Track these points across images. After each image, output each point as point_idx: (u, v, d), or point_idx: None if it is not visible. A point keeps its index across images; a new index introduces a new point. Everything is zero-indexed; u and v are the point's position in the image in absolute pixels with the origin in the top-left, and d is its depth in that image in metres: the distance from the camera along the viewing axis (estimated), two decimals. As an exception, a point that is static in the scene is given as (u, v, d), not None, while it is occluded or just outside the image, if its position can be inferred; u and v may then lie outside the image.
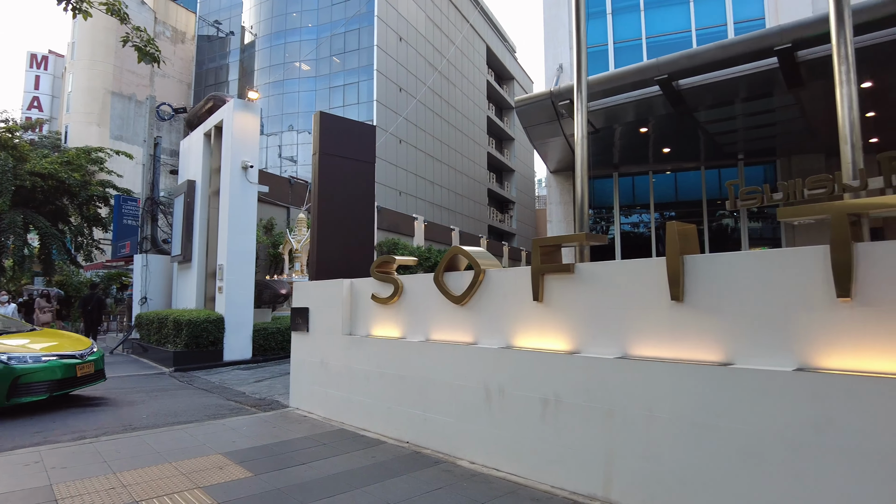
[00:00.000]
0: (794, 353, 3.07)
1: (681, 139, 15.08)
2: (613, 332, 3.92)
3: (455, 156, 43.25)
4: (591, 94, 12.89)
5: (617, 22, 19.98)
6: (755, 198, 3.24)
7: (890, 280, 2.77)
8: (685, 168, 17.51)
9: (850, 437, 2.74)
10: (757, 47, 10.83)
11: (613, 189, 18.06)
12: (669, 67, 11.76)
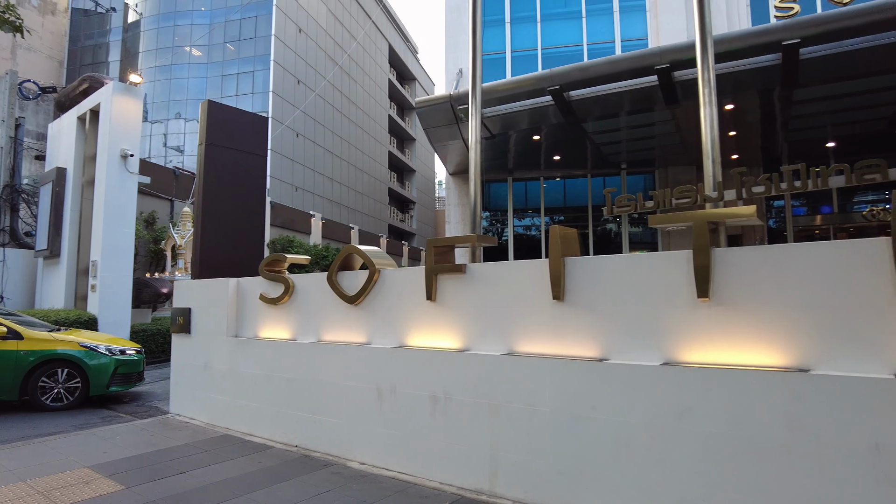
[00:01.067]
0: (661, 348, 3.35)
1: (570, 148, 15.91)
2: (501, 329, 4.05)
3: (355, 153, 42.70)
4: (488, 100, 13.24)
5: (515, 31, 20.72)
6: (629, 205, 3.50)
7: (741, 282, 3.10)
8: (574, 175, 18.51)
9: (706, 423, 3.03)
10: (639, 65, 11.67)
11: (508, 193, 18.70)
12: (562, 79, 12.37)
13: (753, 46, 10.87)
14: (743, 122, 13.61)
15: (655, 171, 17.37)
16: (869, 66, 10.89)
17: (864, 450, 2.62)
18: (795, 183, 2.94)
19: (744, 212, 3.14)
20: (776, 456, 2.83)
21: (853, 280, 2.80)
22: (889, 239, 2.68)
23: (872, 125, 13.55)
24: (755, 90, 12.16)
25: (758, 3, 18.23)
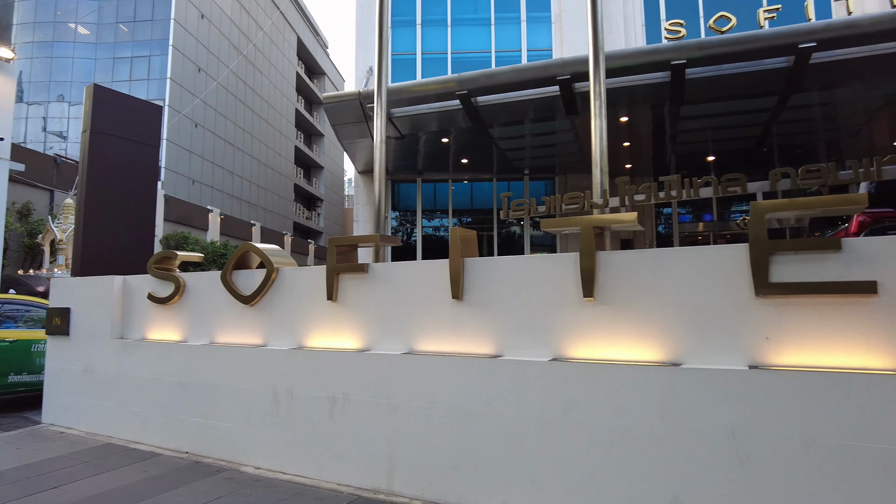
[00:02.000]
0: (550, 345, 3.53)
1: (477, 152, 16.29)
2: (402, 329, 4.09)
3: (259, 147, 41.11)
4: (397, 100, 13.27)
5: (426, 34, 20.88)
6: (523, 209, 3.66)
7: (622, 283, 3.34)
8: (481, 179, 18.96)
9: (590, 415, 3.23)
10: (543, 75, 12.17)
11: (417, 194, 18.82)
12: (470, 84, 12.63)
13: (646, 64, 11.68)
14: (636, 133, 14.57)
15: (556, 178, 18.17)
16: (743, 90, 12.03)
17: (724, 434, 2.91)
18: (672, 193, 3.21)
19: (626, 218, 3.39)
20: (652, 443, 3.07)
21: (718, 282, 3.10)
22: (747, 245, 2.99)
23: (745, 142, 14.98)
24: (648, 105, 13.06)
25: (652, 24, 19.55)
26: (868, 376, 2.69)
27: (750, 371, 2.91)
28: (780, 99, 12.19)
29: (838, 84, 11.86)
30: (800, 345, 2.92)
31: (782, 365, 2.93)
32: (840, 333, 2.84)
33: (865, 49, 10.51)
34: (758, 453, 2.84)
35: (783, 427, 2.80)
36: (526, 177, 18.36)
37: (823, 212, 3.43)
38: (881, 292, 2.74)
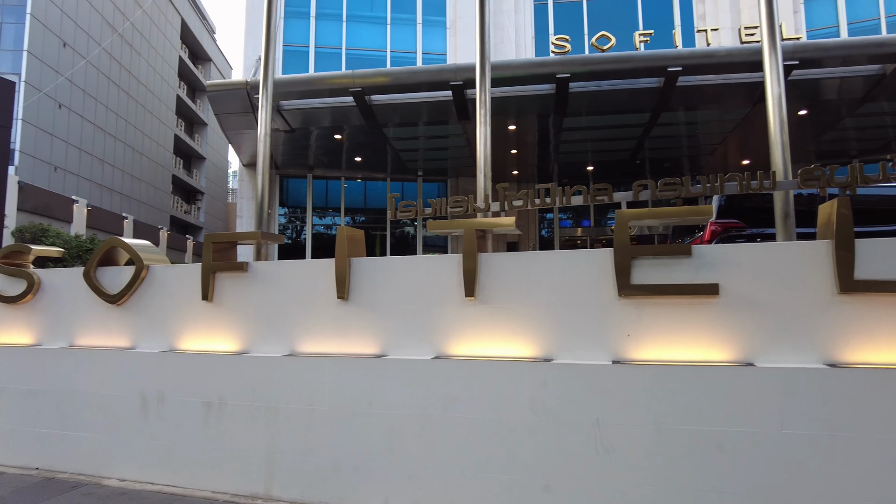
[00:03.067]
0: (433, 343, 3.61)
1: (371, 151, 16.21)
2: (284, 330, 3.99)
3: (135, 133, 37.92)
4: (288, 92, 12.88)
5: (320, 27, 20.41)
6: (410, 211, 3.72)
7: (501, 284, 3.50)
8: (375, 178, 18.88)
9: (468, 410, 3.35)
10: (437, 79, 12.37)
11: (308, 190, 18.34)
12: (364, 82, 12.54)
13: (534, 75, 12.25)
14: (524, 142, 15.24)
15: (448, 181, 18.53)
16: (619, 105, 13.00)
17: (590, 424, 3.14)
18: (547, 199, 3.41)
19: (505, 222, 3.56)
20: (525, 435, 3.24)
21: (586, 283, 3.34)
22: (610, 250, 3.26)
23: (621, 154, 16.19)
24: (534, 115, 13.70)
25: (541, 37, 20.51)
26: (710, 368, 3.03)
27: (613, 366, 3.16)
28: (651, 116, 13.30)
29: (700, 106, 13.17)
30: (656, 341, 3.22)
31: (641, 360, 3.22)
32: (690, 330, 3.18)
33: (721, 77, 11.77)
34: (619, 441, 3.10)
35: (641, 416, 3.08)
36: (420, 178, 18.54)
37: (679, 220, 3.81)
38: (722, 293, 3.10)
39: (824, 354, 2.99)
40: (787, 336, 3.03)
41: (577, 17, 19.72)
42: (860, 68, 11.60)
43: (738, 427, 2.93)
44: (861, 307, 2.97)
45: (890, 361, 2.91)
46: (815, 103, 12.91)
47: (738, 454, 2.93)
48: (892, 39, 11.59)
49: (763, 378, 2.92)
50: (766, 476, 2.89)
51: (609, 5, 19.29)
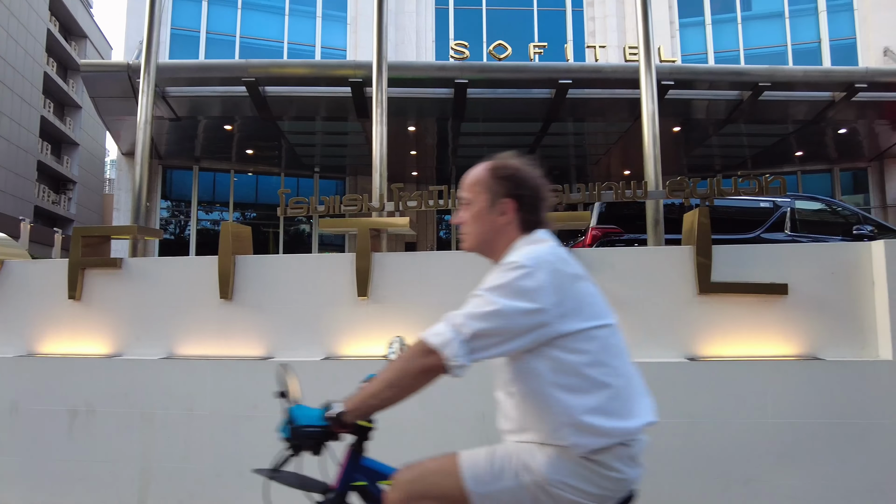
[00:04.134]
0: (324, 344, 3.56)
1: (265, 143, 15.61)
2: (162, 331, 3.75)
3: (-9, 112, 33.73)
4: (175, 78, 12.12)
5: (213, 12, 19.32)
6: (302, 208, 3.64)
7: (394, 283, 3.52)
8: (268, 172, 18.18)
9: (358, 413, 3.33)
10: (336, 74, 12.17)
11: (193, 182, 17.30)
12: (259, 72, 12.06)
13: (435, 79, 12.41)
14: (423, 143, 15.38)
15: (346, 179, 18.28)
16: (514, 114, 13.50)
17: (473, 418, 3.24)
18: (440, 201, 3.48)
19: (399, 222, 3.59)
20: (413, 431, 3.28)
21: (473, 283, 3.44)
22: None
23: (515, 160, 16.80)
24: (434, 117, 13.88)
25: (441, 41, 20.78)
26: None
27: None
28: (543, 125, 13.94)
29: (587, 118, 14.00)
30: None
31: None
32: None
33: (607, 92, 12.59)
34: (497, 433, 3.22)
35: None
36: (316, 175, 18.11)
37: (561, 225, 4.04)
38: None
39: (686, 349, 3.31)
40: (654, 333, 3.32)
41: (477, 25, 20.20)
42: (724, 92, 12.89)
43: (611, 418, 3.16)
44: (717, 306, 3.31)
45: (740, 354, 3.27)
46: (687, 121, 14.18)
47: (610, 443, 3.15)
48: (749, 69, 13.01)
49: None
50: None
51: (507, 16, 19.97)
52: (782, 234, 6.69)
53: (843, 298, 3.27)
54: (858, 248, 3.30)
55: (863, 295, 3.25)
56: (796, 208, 6.87)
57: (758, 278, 3.28)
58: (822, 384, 3.12)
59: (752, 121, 13.90)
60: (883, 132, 14.80)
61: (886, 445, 3.06)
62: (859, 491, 3.04)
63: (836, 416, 3.10)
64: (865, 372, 3.12)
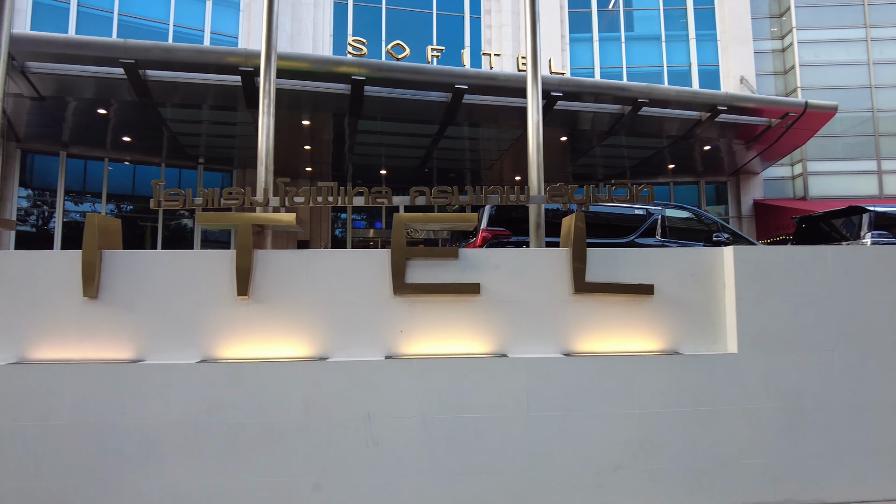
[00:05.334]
0: (200, 346, 3.37)
1: (144, 131, 14.47)
2: (13, 334, 3.36)
3: None
4: (38, 53, 10.93)
5: (85, -16, 17.61)
6: (177, 200, 3.42)
7: (278, 282, 3.40)
8: (147, 161, 16.88)
9: (237, 414, 3.19)
10: (226, 62, 11.53)
11: (60, 170, 15.66)
12: (140, 54, 11.15)
13: (331, 73, 12.14)
14: (319, 139, 15.00)
15: (234, 171, 17.42)
16: (412, 115, 13.55)
17: (361, 420, 3.22)
18: (329, 198, 3.42)
19: (285, 219, 3.48)
20: (296, 436, 3.20)
21: (363, 282, 3.42)
22: (388, 251, 3.39)
23: (412, 161, 16.90)
24: (330, 113, 13.57)
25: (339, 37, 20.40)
26: (471, 360, 3.33)
27: (385, 361, 3.29)
28: (440, 128, 14.12)
29: (482, 124, 14.37)
30: (426, 336, 3.44)
31: (412, 354, 3.40)
32: (456, 326, 3.45)
33: (501, 99, 13.00)
34: (388, 433, 3.23)
35: (408, 408, 3.25)
36: (201, 166, 17.08)
37: (450, 226, 4.12)
38: (483, 292, 3.44)
39: (562, 345, 3.50)
40: (534, 330, 3.48)
41: (376, 23, 20.07)
42: (607, 106, 13.78)
43: (493, 413, 3.27)
44: (590, 305, 3.54)
45: (611, 349, 3.51)
46: (573, 132, 14.99)
47: (492, 437, 3.27)
48: (630, 86, 14.00)
49: (513, 367, 3.31)
50: (514, 454, 3.27)
51: (407, 17, 20.02)
52: (654, 239, 7.28)
53: (700, 298, 3.62)
54: (713, 253, 3.67)
55: (716, 295, 3.62)
56: (666, 216, 7.50)
57: (627, 279, 3.54)
58: (680, 376, 3.43)
59: (632, 134, 14.99)
60: (739, 150, 16.55)
61: (730, 427, 3.43)
62: (707, 469, 3.38)
63: (691, 405, 3.43)
64: (716, 364, 3.47)
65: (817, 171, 18.78)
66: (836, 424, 3.51)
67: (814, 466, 3.49)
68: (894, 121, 18.80)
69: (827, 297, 3.59)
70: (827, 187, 18.53)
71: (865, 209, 8.50)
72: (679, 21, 19.94)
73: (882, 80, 18.93)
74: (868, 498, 3.50)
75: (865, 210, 8.49)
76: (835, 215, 9.11)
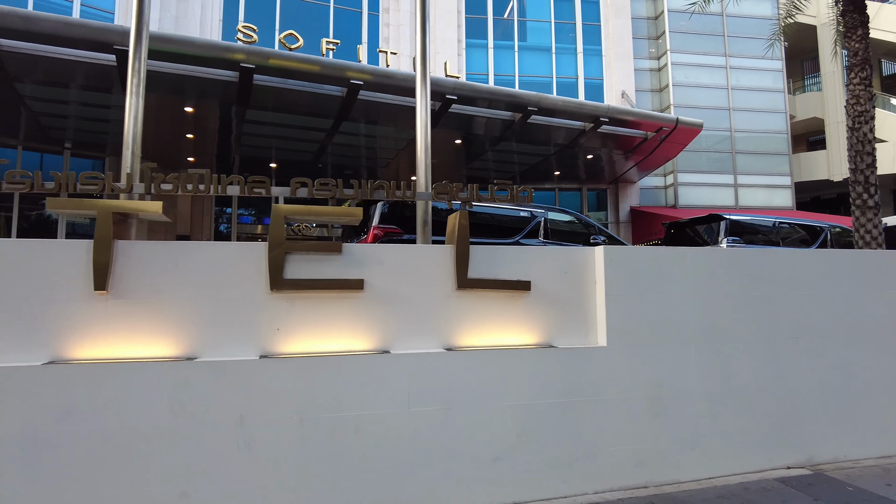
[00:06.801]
0: (49, 346, 3.03)
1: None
2: None
3: None
4: None
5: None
6: (23, 182, 3.05)
7: (142, 276, 3.14)
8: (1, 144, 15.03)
9: (93, 421, 2.90)
10: (99, 38, 10.53)
11: None
12: (-10, 20, 9.89)
13: (217, 59, 11.48)
14: (203, 127, 14.13)
15: (107, 158, 15.97)
16: (304, 107, 13.16)
17: (232, 423, 3.05)
18: (200, 186, 3.21)
19: (150, 207, 3.21)
20: (161, 441, 2.97)
21: (238, 277, 3.25)
22: (265, 244, 3.24)
23: (304, 156, 16.41)
24: (216, 100, 12.83)
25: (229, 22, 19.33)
26: (351, 357, 3.27)
27: (259, 360, 3.15)
28: (334, 123, 13.82)
29: (379, 122, 14.25)
30: (306, 334, 3.33)
31: (290, 353, 3.28)
32: (338, 323, 3.38)
33: (397, 98, 12.96)
34: (262, 436, 3.08)
35: (285, 408, 3.13)
36: (68, 151, 15.47)
37: (334, 220, 4.04)
38: (367, 288, 3.39)
39: (445, 340, 3.54)
40: (417, 325, 3.49)
41: (270, 12, 19.26)
42: (500, 112, 14.20)
43: (373, 410, 3.24)
44: (472, 300, 3.61)
45: (491, 344, 3.60)
46: (468, 135, 15.30)
47: (373, 434, 3.23)
48: (521, 94, 14.54)
49: (395, 364, 3.30)
50: (395, 451, 3.26)
51: (303, 8, 19.41)
52: (537, 240, 7.59)
53: (573, 295, 3.81)
54: (586, 252, 3.88)
55: (587, 292, 3.83)
56: (549, 218, 7.85)
57: (507, 276, 3.65)
58: (554, 369, 3.59)
59: (522, 140, 15.56)
60: (619, 160, 17.75)
61: (599, 417, 3.64)
62: (578, 457, 3.57)
63: (564, 396, 3.60)
64: (587, 357, 3.68)
65: (686, 182, 20.59)
66: (691, 410, 3.85)
67: (672, 450, 3.80)
68: (747, 141, 21.08)
69: (685, 294, 3.93)
70: (694, 197, 20.36)
71: (723, 217, 9.45)
72: (569, 35, 21.01)
73: (738, 103, 21.16)
74: (716, 474, 3.87)
75: (723, 218, 9.44)
76: (698, 222, 10.05)
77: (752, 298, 4.12)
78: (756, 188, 20.95)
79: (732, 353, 4.00)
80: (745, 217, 10.27)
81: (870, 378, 4.40)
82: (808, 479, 3.86)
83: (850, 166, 7.71)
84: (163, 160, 15.39)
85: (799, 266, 4.36)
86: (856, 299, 4.45)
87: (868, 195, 7.47)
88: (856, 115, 7.65)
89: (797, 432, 4.13)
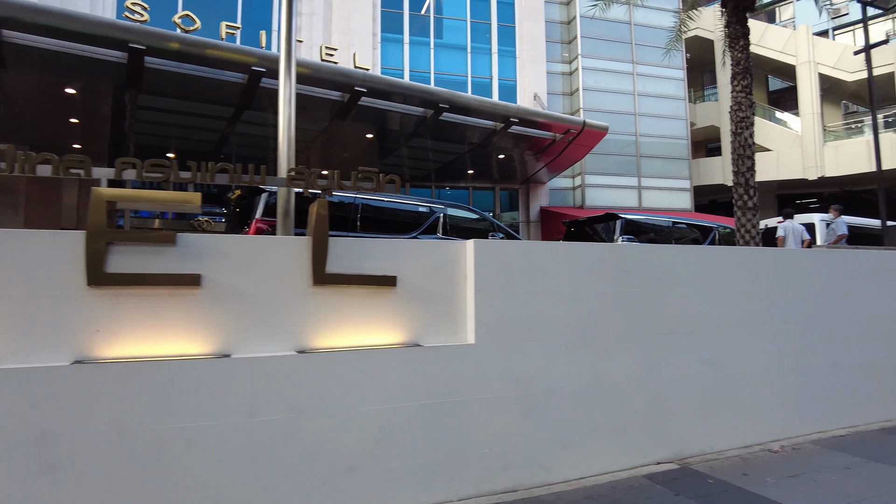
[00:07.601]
0: None
1: None
2: None
3: None
4: None
5: None
6: None
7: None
8: None
9: None
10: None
11: None
12: None
13: (104, 37, 10.53)
14: (90, 112, 12.97)
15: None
16: (203, 94, 12.35)
17: (33, 440, 2.61)
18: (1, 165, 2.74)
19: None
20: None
21: (47, 271, 2.80)
22: (83, 233, 2.82)
23: (205, 145, 15.48)
24: (103, 82, 11.79)
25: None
26: (182, 362, 2.90)
27: (71, 367, 2.73)
28: (235, 111, 13.08)
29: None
30: (132, 336, 2.93)
31: (112, 357, 2.87)
32: (170, 323, 2.99)
33: (305, 88, 12.41)
34: (70, 455, 2.67)
35: (101, 421, 2.72)
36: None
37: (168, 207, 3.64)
38: (205, 284, 3.03)
39: (298, 342, 3.23)
40: (265, 326, 3.17)
41: (173, -9, 18.06)
42: (412, 108, 13.96)
43: (209, 420, 2.89)
44: (331, 297, 3.33)
45: (352, 344, 3.33)
46: (381, 130, 14.96)
47: (208, 448, 2.89)
48: (435, 90, 14.38)
49: (235, 369, 2.97)
50: (234, 464, 2.93)
51: (209, -10, 18.35)
52: (436, 236, 7.42)
53: (443, 290, 3.62)
54: (457, 246, 3.70)
55: (458, 287, 3.65)
56: (448, 214, 7.70)
57: (372, 271, 3.40)
58: (418, 369, 3.39)
59: (436, 138, 15.41)
60: (529, 161, 17.99)
61: (467, 418, 3.47)
62: (443, 462, 3.38)
63: (431, 397, 3.40)
64: (454, 355, 3.50)
65: (593, 184, 21.24)
66: (561, 409, 3.76)
67: (542, 451, 3.69)
68: (651, 145, 22.06)
69: (558, 290, 3.84)
70: (600, 198, 21.02)
71: (618, 216, 9.70)
72: (484, 35, 21.10)
73: (644, 109, 22.08)
74: (588, 474, 3.81)
75: (619, 217, 9.68)
76: (596, 221, 10.26)
77: (626, 294, 4.10)
78: (659, 191, 21.95)
79: (605, 349, 3.96)
80: (641, 217, 10.62)
81: (737, 371, 4.53)
82: (674, 473, 3.88)
83: (732, 169, 8.09)
84: (45, 147, 13.97)
85: (675, 262, 4.41)
86: (728, 295, 4.57)
87: (748, 196, 7.85)
88: (738, 121, 8.03)
89: (667, 427, 4.16)
